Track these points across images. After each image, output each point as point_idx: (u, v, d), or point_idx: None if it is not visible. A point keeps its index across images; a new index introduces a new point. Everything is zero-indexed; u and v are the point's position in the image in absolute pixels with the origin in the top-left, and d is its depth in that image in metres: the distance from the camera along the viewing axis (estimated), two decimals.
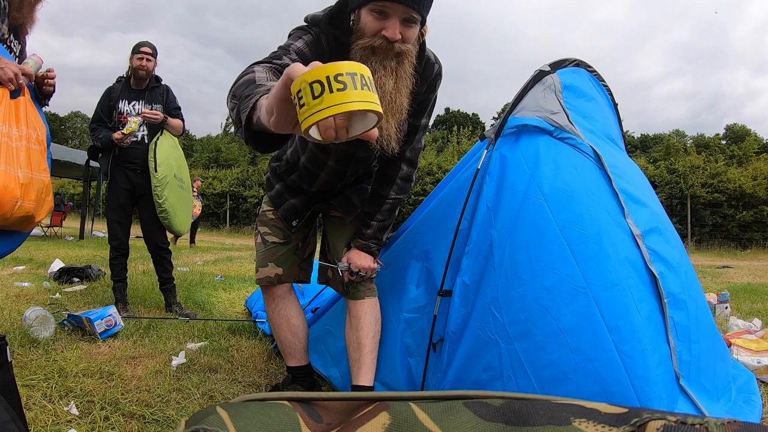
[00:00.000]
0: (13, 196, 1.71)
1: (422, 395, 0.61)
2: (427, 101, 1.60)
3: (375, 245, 1.72)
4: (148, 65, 3.20)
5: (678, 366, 1.42)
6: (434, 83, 1.58)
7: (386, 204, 1.71)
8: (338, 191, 1.79)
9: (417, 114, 1.58)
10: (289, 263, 1.82)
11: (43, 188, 1.87)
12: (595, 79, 1.99)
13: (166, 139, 3.23)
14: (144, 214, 3.23)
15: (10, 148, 1.74)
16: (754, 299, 4.55)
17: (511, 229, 1.58)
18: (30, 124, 1.85)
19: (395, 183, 1.70)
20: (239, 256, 8.35)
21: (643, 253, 1.50)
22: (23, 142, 1.81)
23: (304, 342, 1.85)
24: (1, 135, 1.71)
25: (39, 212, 1.87)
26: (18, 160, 1.76)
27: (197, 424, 0.55)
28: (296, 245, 1.85)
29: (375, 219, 1.71)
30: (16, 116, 1.81)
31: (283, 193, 1.81)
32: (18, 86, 1.81)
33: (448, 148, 23.59)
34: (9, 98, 1.78)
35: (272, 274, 1.80)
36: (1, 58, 1.79)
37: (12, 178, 1.71)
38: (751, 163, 18.22)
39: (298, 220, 1.80)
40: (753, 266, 9.63)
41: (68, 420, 1.56)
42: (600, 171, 1.63)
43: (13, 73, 1.78)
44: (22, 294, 3.71)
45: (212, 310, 3.45)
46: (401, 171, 1.69)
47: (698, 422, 0.48)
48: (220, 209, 22.10)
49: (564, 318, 1.43)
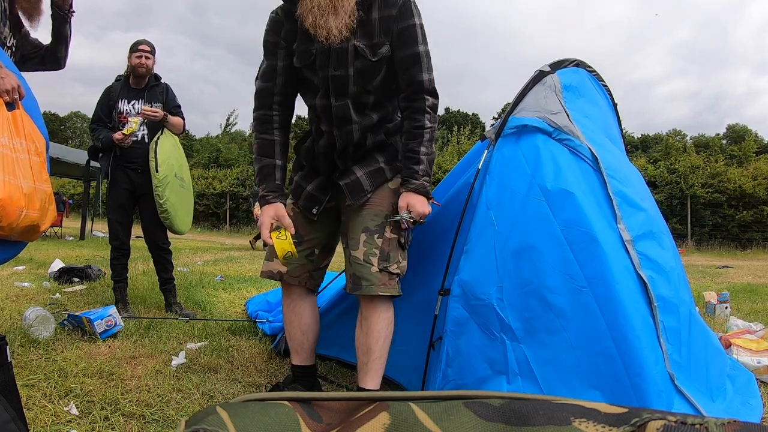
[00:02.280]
0: (18, 206, 1.72)
1: (422, 395, 0.61)
2: (409, 29, 1.62)
3: (428, 182, 1.66)
4: (147, 63, 3.20)
5: (670, 368, 1.43)
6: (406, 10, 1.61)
7: (425, 134, 1.65)
8: (343, 168, 1.73)
9: (405, 43, 1.62)
10: (295, 264, 1.76)
11: (45, 198, 1.88)
12: (595, 79, 2.00)
13: (167, 138, 3.22)
14: (145, 213, 3.23)
15: (13, 159, 1.75)
16: (754, 299, 4.56)
17: (513, 229, 1.58)
18: (28, 136, 1.86)
19: (426, 112, 1.65)
20: (239, 256, 8.35)
21: (633, 258, 1.50)
22: (24, 153, 1.82)
23: (312, 342, 1.83)
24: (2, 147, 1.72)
25: (43, 221, 1.88)
26: (21, 170, 1.77)
27: (197, 424, 0.55)
28: (311, 250, 1.79)
29: (421, 153, 1.64)
30: (15, 128, 1.82)
31: (300, 182, 1.81)
32: (13, 100, 1.81)
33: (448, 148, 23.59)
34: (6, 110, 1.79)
35: (275, 270, 1.77)
36: (3, 67, 1.80)
37: (16, 189, 1.72)
38: (751, 163, 18.22)
39: (317, 207, 1.76)
40: (753, 266, 9.64)
41: (68, 420, 1.56)
42: (596, 173, 1.63)
43: (11, 86, 1.78)
44: (22, 294, 3.71)
45: (212, 310, 3.45)
46: (427, 101, 1.65)
47: (698, 422, 0.48)
48: (220, 209, 22.10)
49: (566, 317, 1.44)
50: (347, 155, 1.72)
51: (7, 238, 1.77)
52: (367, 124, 1.69)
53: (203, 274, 5.47)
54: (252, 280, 5.11)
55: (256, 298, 3.53)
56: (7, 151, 1.74)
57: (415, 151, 1.65)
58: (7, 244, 1.83)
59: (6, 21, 2.00)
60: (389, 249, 1.65)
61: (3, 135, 1.74)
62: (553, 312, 1.46)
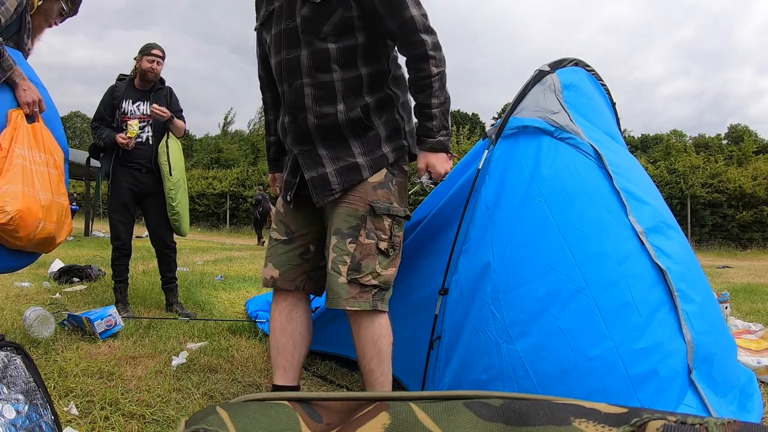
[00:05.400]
0: (36, 218, 1.74)
1: (422, 395, 0.61)
2: None
3: (446, 136, 1.50)
4: (158, 69, 3.22)
5: (693, 358, 1.42)
6: None
7: (434, 82, 1.46)
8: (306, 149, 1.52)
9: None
10: (288, 266, 1.59)
11: (62, 211, 1.90)
12: (594, 79, 2.00)
13: (173, 141, 3.25)
14: (151, 213, 3.25)
15: (32, 171, 1.78)
16: (754, 299, 4.55)
17: (511, 229, 1.58)
18: (47, 149, 1.89)
19: (428, 57, 1.45)
20: (239, 256, 8.35)
21: (648, 249, 1.50)
22: (43, 166, 1.84)
23: (301, 360, 1.61)
24: (23, 159, 1.75)
25: (60, 234, 1.90)
26: (40, 182, 1.79)
27: (197, 424, 0.55)
28: (305, 247, 1.62)
29: (433, 106, 1.47)
30: (35, 140, 1.84)
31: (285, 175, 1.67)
32: (34, 113, 1.84)
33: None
34: (27, 123, 1.81)
35: (269, 276, 1.60)
36: (26, 80, 1.82)
37: (35, 200, 1.75)
38: (751, 163, 18.22)
39: (290, 192, 1.59)
40: (753, 266, 9.64)
41: (68, 420, 1.56)
42: (601, 170, 1.63)
43: (32, 99, 1.81)
44: (22, 294, 3.71)
45: (212, 310, 3.45)
46: (426, 43, 1.44)
47: (698, 422, 0.48)
48: (220, 209, 22.11)
49: (564, 317, 1.44)
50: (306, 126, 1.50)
51: (23, 248, 1.79)
52: (324, 82, 1.47)
53: (203, 274, 5.46)
54: (252, 280, 5.11)
55: (256, 298, 3.53)
56: (27, 163, 1.77)
57: (426, 105, 1.47)
58: (22, 253, 1.84)
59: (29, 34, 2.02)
60: (362, 257, 1.44)
61: (23, 147, 1.77)
62: (550, 313, 1.46)
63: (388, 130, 1.53)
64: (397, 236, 1.51)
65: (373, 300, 1.45)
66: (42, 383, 1.22)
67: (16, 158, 1.73)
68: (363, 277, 1.44)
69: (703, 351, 1.46)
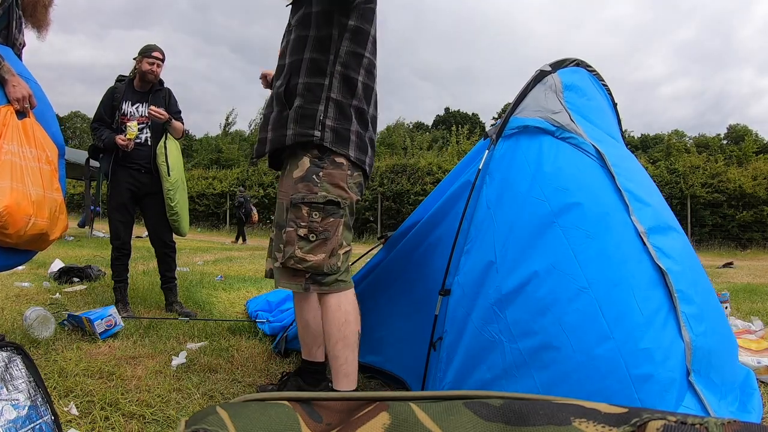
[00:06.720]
0: (26, 213, 1.72)
1: (422, 395, 0.61)
2: None
3: None
4: (158, 71, 3.22)
5: (691, 360, 1.42)
6: None
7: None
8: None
9: None
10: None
11: (56, 207, 1.88)
12: (595, 79, 1.99)
13: (172, 142, 3.25)
14: (150, 213, 3.25)
15: (21, 166, 1.76)
16: (754, 299, 4.55)
17: (513, 229, 1.58)
18: (38, 145, 1.87)
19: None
20: (239, 256, 8.35)
21: (650, 249, 1.50)
22: (34, 162, 1.82)
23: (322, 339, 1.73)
24: (12, 155, 1.73)
25: (53, 230, 1.87)
26: (30, 178, 1.78)
27: (197, 424, 0.55)
28: None
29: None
30: (26, 136, 1.83)
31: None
32: (24, 109, 1.82)
33: (448, 149, 23.58)
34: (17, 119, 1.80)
35: (268, 267, 1.71)
36: (15, 75, 1.81)
37: (24, 196, 1.72)
38: (751, 163, 18.23)
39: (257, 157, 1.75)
40: (753, 266, 9.63)
41: (68, 420, 1.56)
42: (603, 169, 1.63)
43: (21, 95, 1.80)
44: (22, 294, 3.71)
45: (212, 310, 3.45)
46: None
47: (698, 422, 0.48)
48: (220, 209, 22.12)
49: (566, 317, 1.44)
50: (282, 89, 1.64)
51: (15, 246, 1.77)
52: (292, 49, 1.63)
53: (203, 274, 5.46)
54: (252, 280, 5.11)
55: (256, 298, 3.53)
56: (16, 159, 1.75)
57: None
58: (16, 251, 1.82)
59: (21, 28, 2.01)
60: (285, 243, 1.58)
61: (12, 143, 1.75)
62: (553, 313, 1.46)
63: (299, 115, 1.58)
64: (316, 222, 1.54)
65: (305, 283, 1.56)
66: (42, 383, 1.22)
67: (5, 154, 1.71)
68: (287, 261, 1.55)
69: (702, 353, 1.46)
